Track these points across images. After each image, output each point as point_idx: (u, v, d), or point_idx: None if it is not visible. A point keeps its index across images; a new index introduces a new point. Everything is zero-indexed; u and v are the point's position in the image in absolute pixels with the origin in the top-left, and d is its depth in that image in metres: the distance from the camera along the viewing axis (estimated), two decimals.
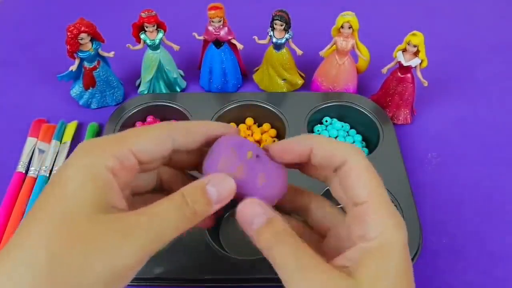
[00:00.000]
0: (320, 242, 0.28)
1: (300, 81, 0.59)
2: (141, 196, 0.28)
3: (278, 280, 0.23)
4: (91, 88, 0.55)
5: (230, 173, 0.25)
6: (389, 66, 0.53)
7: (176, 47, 0.56)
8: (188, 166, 0.29)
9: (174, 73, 0.57)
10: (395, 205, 0.42)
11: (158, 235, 0.22)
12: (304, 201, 0.29)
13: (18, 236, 0.20)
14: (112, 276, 0.20)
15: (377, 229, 0.23)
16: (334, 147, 0.25)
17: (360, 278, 0.22)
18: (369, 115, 0.52)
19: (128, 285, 0.40)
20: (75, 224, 0.20)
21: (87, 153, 0.22)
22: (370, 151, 0.51)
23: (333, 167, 0.25)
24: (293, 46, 0.55)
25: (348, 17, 0.51)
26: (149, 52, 0.55)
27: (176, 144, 0.25)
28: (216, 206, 0.24)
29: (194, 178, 0.27)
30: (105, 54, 0.54)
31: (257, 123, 0.55)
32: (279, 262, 0.23)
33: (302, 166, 0.28)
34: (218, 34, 0.54)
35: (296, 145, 0.26)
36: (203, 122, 0.27)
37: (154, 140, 0.24)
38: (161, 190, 0.29)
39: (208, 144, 0.27)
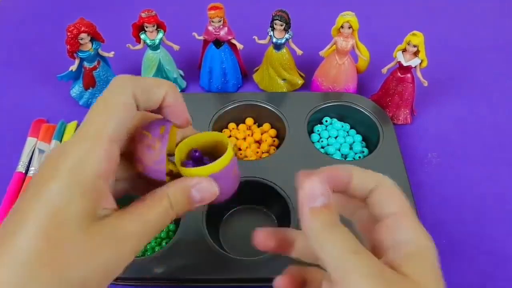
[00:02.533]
0: None
1: (300, 81, 0.59)
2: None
3: None
4: (91, 88, 0.55)
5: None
6: (389, 66, 0.53)
7: (176, 47, 0.56)
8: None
9: (174, 73, 0.57)
10: None
11: (148, 237, 0.24)
12: None
13: (6, 235, 0.21)
14: (102, 276, 0.21)
15: (413, 234, 0.24)
16: (368, 174, 0.26)
17: (407, 274, 0.23)
18: (369, 115, 0.52)
19: (129, 285, 0.40)
20: (63, 232, 0.20)
21: (74, 159, 0.22)
22: (370, 151, 0.51)
23: (368, 190, 0.26)
24: (293, 46, 0.55)
25: (348, 17, 0.51)
26: (149, 52, 0.55)
27: (140, 106, 0.25)
28: (196, 205, 0.26)
29: None
30: (105, 54, 0.54)
31: (257, 123, 0.55)
32: (330, 247, 0.23)
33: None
34: (218, 34, 0.54)
35: (341, 171, 0.26)
36: (163, 84, 0.26)
37: (123, 112, 0.24)
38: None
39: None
